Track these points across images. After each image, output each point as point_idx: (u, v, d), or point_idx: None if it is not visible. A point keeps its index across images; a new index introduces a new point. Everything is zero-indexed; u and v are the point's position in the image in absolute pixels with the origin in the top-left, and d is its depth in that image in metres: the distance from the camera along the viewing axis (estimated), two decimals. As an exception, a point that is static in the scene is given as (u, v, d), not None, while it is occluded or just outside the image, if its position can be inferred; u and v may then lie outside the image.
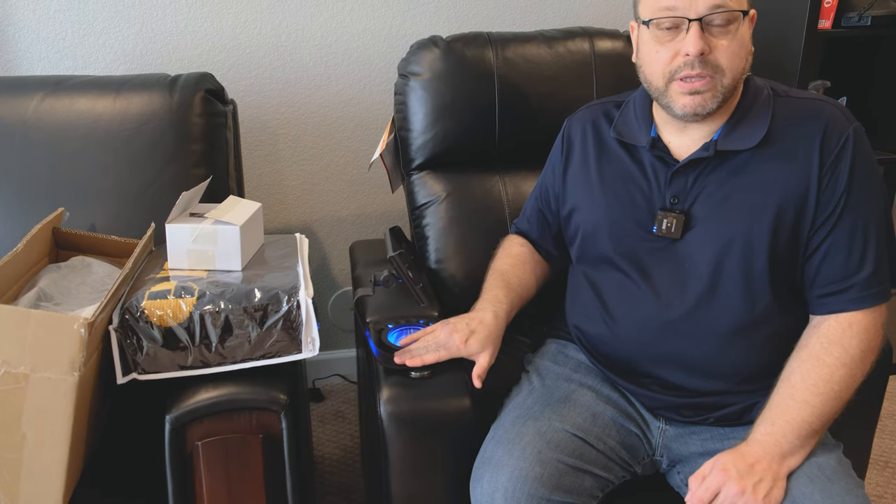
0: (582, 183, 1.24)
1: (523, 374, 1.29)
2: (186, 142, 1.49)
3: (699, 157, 1.10)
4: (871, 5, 1.86)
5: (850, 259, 1.07)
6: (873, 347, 1.07)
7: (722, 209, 1.10)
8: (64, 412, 1.03)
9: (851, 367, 1.04)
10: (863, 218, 1.07)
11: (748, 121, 1.10)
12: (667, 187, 1.13)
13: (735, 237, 1.09)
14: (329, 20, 1.91)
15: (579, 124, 1.28)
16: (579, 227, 1.24)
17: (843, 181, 1.06)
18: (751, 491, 0.99)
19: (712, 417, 1.15)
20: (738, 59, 1.05)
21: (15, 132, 1.45)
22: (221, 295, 1.15)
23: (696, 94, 1.05)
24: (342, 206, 2.09)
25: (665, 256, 1.14)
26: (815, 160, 1.06)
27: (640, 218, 1.15)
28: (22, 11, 1.76)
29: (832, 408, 1.04)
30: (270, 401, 1.14)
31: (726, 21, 1.03)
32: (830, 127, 1.07)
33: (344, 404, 2.13)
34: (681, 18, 1.03)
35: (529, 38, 1.65)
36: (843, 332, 1.06)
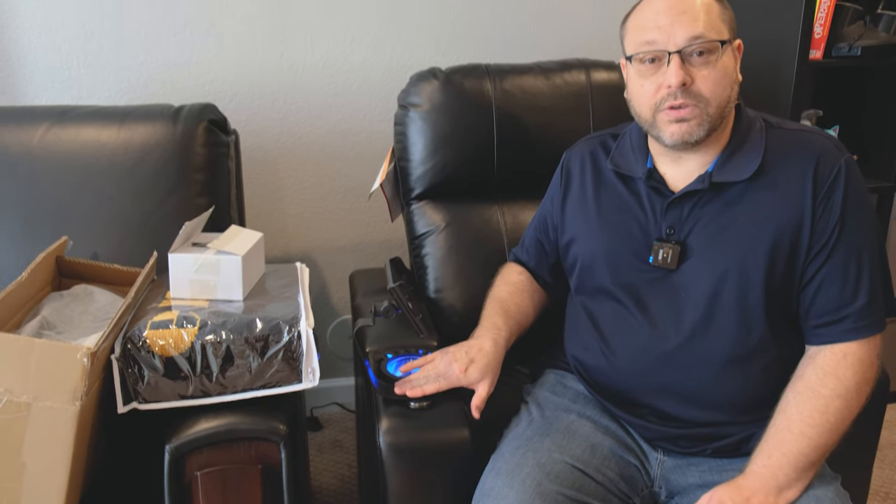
0: (580, 214, 1.26)
1: (522, 405, 1.29)
2: (189, 171, 1.51)
3: (694, 189, 1.12)
4: (861, 36, 1.90)
5: (844, 289, 1.08)
6: (868, 379, 1.07)
7: (717, 240, 1.11)
8: (64, 441, 1.04)
9: (847, 398, 1.05)
10: (856, 248, 1.08)
11: (742, 152, 1.12)
12: (662, 218, 1.15)
13: (730, 268, 1.10)
14: (330, 52, 1.95)
15: (578, 156, 1.30)
16: (577, 257, 1.26)
17: (836, 212, 1.07)
18: None
19: (710, 448, 1.15)
20: (721, 87, 1.07)
21: (20, 161, 1.47)
22: (223, 325, 1.16)
23: (683, 122, 1.07)
24: (342, 234, 2.11)
25: (661, 287, 1.15)
26: (808, 191, 1.08)
27: (636, 248, 1.17)
28: (28, 41, 1.79)
29: (829, 439, 1.05)
30: (270, 431, 1.14)
31: (706, 51, 1.05)
32: (823, 158, 1.09)
33: (342, 433, 2.13)
34: (661, 52, 1.07)
35: (527, 70, 1.68)
36: (837, 363, 1.06)
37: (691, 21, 1.05)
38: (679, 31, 1.05)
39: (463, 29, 2.00)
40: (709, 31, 1.05)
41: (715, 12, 1.07)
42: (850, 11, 1.91)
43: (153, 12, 1.82)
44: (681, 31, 1.05)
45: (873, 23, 1.94)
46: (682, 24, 1.05)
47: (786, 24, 1.86)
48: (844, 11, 1.91)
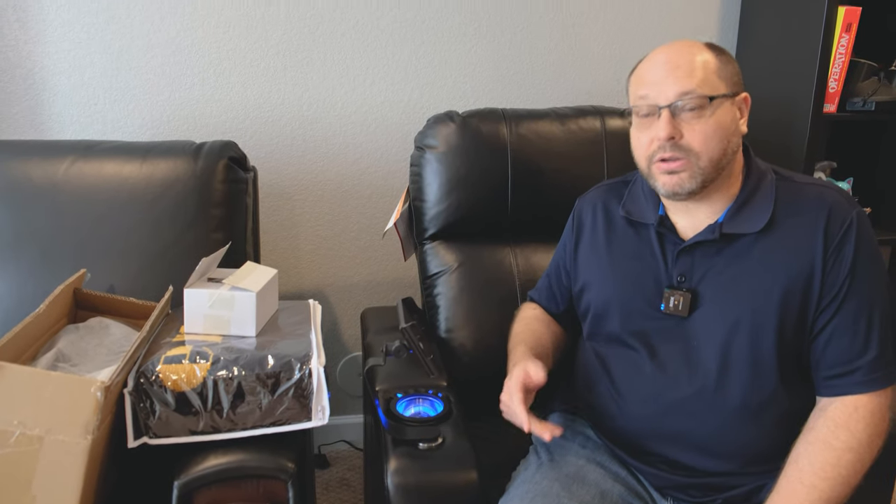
0: (592, 261, 1.27)
1: (531, 449, 1.29)
2: (208, 207, 1.54)
3: (705, 238, 1.13)
4: (875, 91, 1.92)
5: (854, 342, 1.08)
6: (880, 432, 1.06)
7: (729, 289, 1.11)
8: (75, 475, 1.04)
9: (859, 451, 1.04)
10: (867, 301, 1.08)
11: (752, 204, 1.13)
12: (674, 266, 1.16)
13: (742, 318, 1.10)
14: (350, 92, 1.99)
15: (590, 204, 1.32)
16: (590, 304, 1.26)
17: (846, 265, 1.08)
18: None
19: (720, 499, 1.14)
20: (714, 141, 1.08)
21: (45, 194, 1.50)
22: (235, 361, 1.17)
23: (674, 174, 1.10)
24: (354, 272, 2.12)
25: (673, 334, 1.15)
26: (819, 244, 1.09)
27: (648, 296, 1.17)
28: (57, 78, 1.84)
29: (840, 493, 1.03)
30: (278, 469, 1.14)
31: (697, 106, 1.07)
32: (834, 212, 1.10)
33: (349, 472, 2.11)
34: (653, 105, 1.09)
35: (542, 115, 1.70)
36: (849, 416, 1.06)
37: (683, 77, 1.07)
38: (670, 87, 1.08)
39: (481, 74, 2.04)
40: (700, 86, 1.07)
41: (711, 68, 1.09)
42: (864, 67, 1.93)
43: (179, 52, 1.87)
44: (672, 87, 1.08)
45: (887, 79, 1.96)
46: (674, 80, 1.07)
47: (801, 78, 1.89)
48: (859, 67, 1.93)
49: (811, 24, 1.85)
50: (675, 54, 1.10)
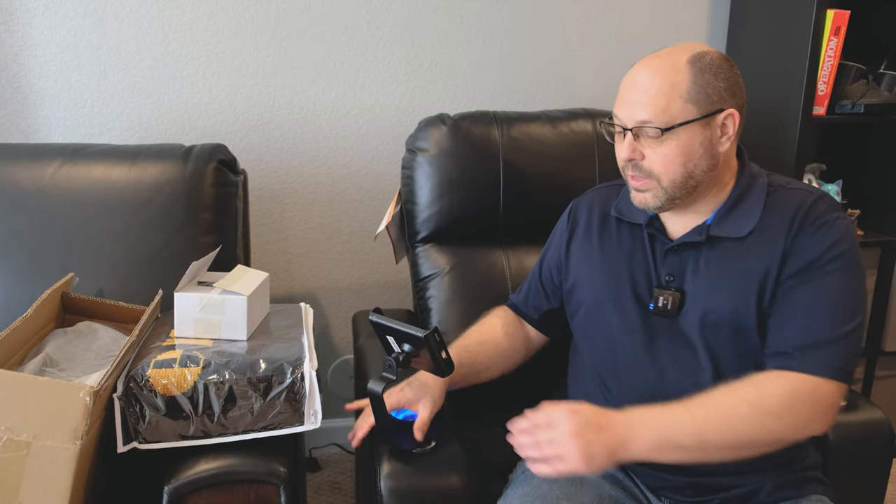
0: (585, 259, 1.27)
1: (526, 453, 1.29)
2: (197, 210, 1.53)
3: (692, 240, 1.14)
4: (864, 94, 1.93)
5: (796, 324, 1.07)
6: (799, 414, 1.02)
7: (714, 289, 1.12)
8: (63, 481, 1.03)
9: (760, 411, 1.01)
10: (825, 296, 1.06)
11: (740, 209, 1.13)
12: (662, 265, 1.17)
13: (723, 318, 1.11)
14: (340, 95, 1.98)
15: (586, 203, 1.33)
16: (581, 301, 1.26)
17: (811, 254, 1.07)
18: (577, 444, 0.99)
19: (716, 499, 1.14)
20: (674, 165, 1.08)
21: (31, 198, 1.49)
22: (226, 365, 1.16)
23: (640, 192, 1.13)
24: (345, 275, 2.11)
25: (662, 332, 1.15)
26: (787, 232, 1.09)
27: (639, 294, 1.18)
28: (44, 81, 1.82)
29: (716, 436, 1.01)
30: (270, 473, 1.13)
31: (658, 132, 1.07)
32: (813, 209, 1.10)
33: (340, 475, 2.10)
34: (619, 126, 1.12)
35: (534, 118, 1.70)
36: (766, 378, 1.05)
37: (642, 105, 1.07)
38: (630, 113, 1.09)
39: (472, 76, 2.04)
40: (659, 115, 1.06)
41: (678, 91, 1.06)
42: (853, 70, 1.94)
43: (167, 55, 1.86)
44: (633, 113, 1.08)
45: (876, 82, 1.97)
46: (636, 107, 1.08)
47: (790, 80, 1.90)
48: (848, 70, 1.94)
49: (800, 27, 1.86)
50: (647, 75, 1.08)
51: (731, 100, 1.09)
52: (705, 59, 1.08)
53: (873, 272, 2.11)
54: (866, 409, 1.34)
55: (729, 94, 1.09)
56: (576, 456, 0.99)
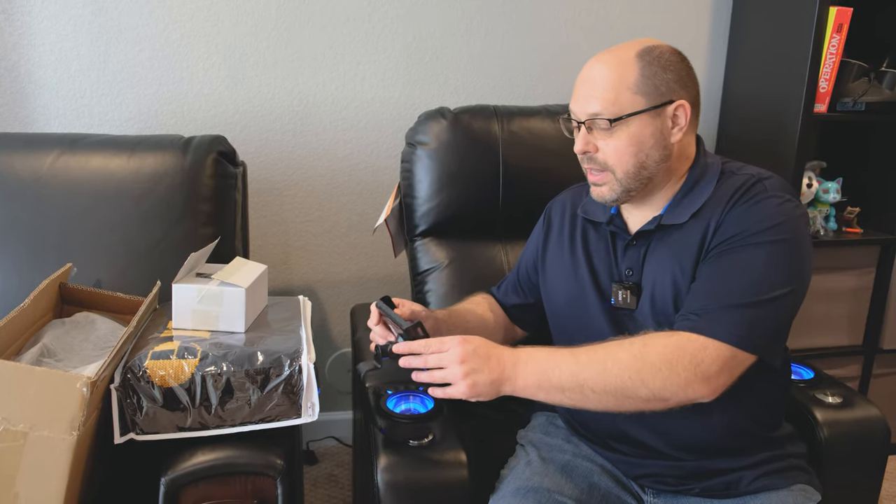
0: (558, 259, 1.29)
1: (518, 448, 1.30)
2: (196, 202, 1.52)
3: (645, 230, 1.16)
4: (865, 92, 1.92)
5: (707, 287, 1.07)
6: (677, 370, 1.00)
7: (660, 278, 1.13)
8: (60, 472, 1.03)
9: (639, 361, 1.01)
10: (740, 263, 1.05)
11: (689, 197, 1.14)
12: (622, 260, 1.19)
13: (669, 298, 1.11)
14: (340, 88, 1.97)
15: (559, 204, 1.36)
16: (555, 301, 1.29)
17: (740, 227, 1.07)
18: (463, 369, 1.01)
19: (697, 488, 1.15)
20: (626, 155, 1.10)
21: (28, 188, 1.48)
22: (224, 357, 1.16)
23: (596, 187, 1.16)
24: (344, 268, 2.11)
25: (628, 327, 1.16)
26: (724, 208, 1.10)
27: (602, 291, 1.20)
28: (44, 70, 1.81)
29: (591, 381, 1.01)
30: (267, 465, 1.13)
31: (607, 124, 1.09)
32: (751, 189, 1.10)
33: (338, 468, 2.10)
34: (574, 121, 1.14)
35: (534, 113, 1.70)
36: (659, 335, 1.05)
37: (592, 98, 1.10)
38: (583, 106, 1.12)
39: (472, 70, 2.03)
40: (608, 108, 1.08)
41: (626, 83, 1.08)
42: (854, 68, 1.94)
43: (167, 46, 1.85)
44: (583, 106, 1.11)
45: (877, 80, 1.97)
46: (586, 100, 1.11)
47: (792, 78, 1.89)
48: (849, 68, 1.94)
49: (802, 24, 1.85)
50: (597, 70, 1.11)
51: (681, 91, 1.11)
52: (654, 52, 1.10)
53: (872, 270, 2.10)
54: (862, 406, 1.34)
55: (679, 86, 1.11)
56: (460, 380, 1.02)
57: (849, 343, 2.15)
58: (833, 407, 1.33)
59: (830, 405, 1.34)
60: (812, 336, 2.10)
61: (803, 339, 2.09)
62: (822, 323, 2.10)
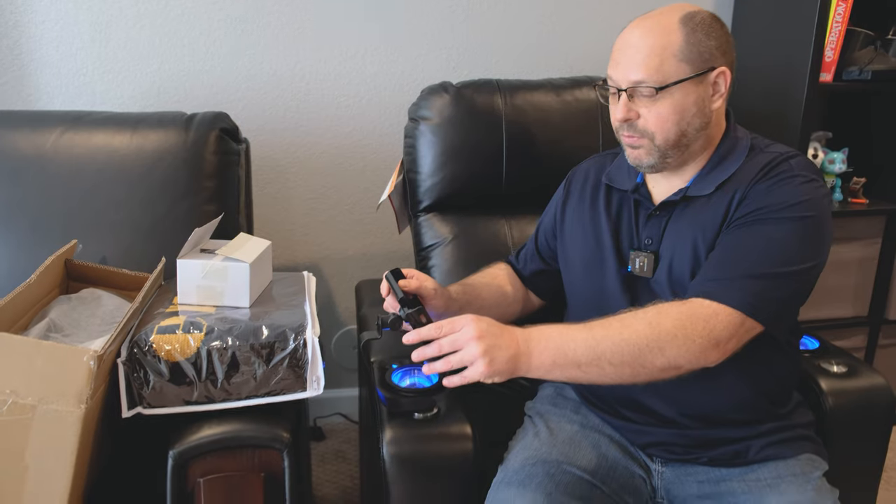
0: (577, 223, 1.29)
1: (526, 419, 1.30)
2: (200, 179, 1.52)
3: (670, 200, 1.16)
4: (872, 60, 1.90)
5: (718, 259, 1.08)
6: (692, 336, 1.01)
7: (678, 244, 1.14)
8: (69, 445, 1.04)
9: (655, 328, 1.01)
10: (757, 237, 1.06)
11: (718, 169, 1.14)
12: (644, 229, 1.19)
13: (688, 268, 1.12)
14: (342, 64, 1.96)
15: (582, 171, 1.35)
16: (572, 265, 1.29)
17: (762, 202, 1.07)
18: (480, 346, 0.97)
19: (705, 457, 1.16)
20: (669, 123, 1.09)
21: (32, 165, 1.48)
22: (229, 331, 1.16)
23: (634, 149, 1.14)
24: (349, 244, 2.11)
25: (643, 294, 1.17)
26: (749, 182, 1.10)
27: (621, 258, 1.21)
28: (45, 48, 1.81)
29: (608, 352, 1.00)
30: (273, 438, 1.14)
31: (651, 93, 1.08)
32: (778, 167, 1.10)
33: (345, 444, 2.12)
34: (613, 88, 1.13)
35: (538, 86, 1.69)
36: (673, 303, 1.05)
37: (638, 65, 1.08)
38: (625, 73, 1.10)
39: (474, 44, 2.01)
40: (653, 75, 1.07)
41: (671, 50, 1.07)
42: (861, 36, 1.92)
43: (168, 22, 1.84)
44: (627, 73, 1.10)
45: (884, 48, 1.94)
46: (629, 67, 1.09)
47: (797, 46, 1.87)
48: (856, 36, 1.91)
49: (808, -8, 1.83)
50: (640, 36, 1.10)
51: (721, 58, 1.10)
52: (696, 18, 1.09)
53: (878, 241, 2.09)
54: (867, 374, 1.34)
55: (720, 53, 1.10)
56: (479, 358, 0.98)
57: (854, 314, 2.15)
58: (838, 376, 1.33)
59: (835, 374, 1.34)
60: (818, 307, 2.10)
61: (809, 310, 2.08)
62: (827, 294, 2.09)
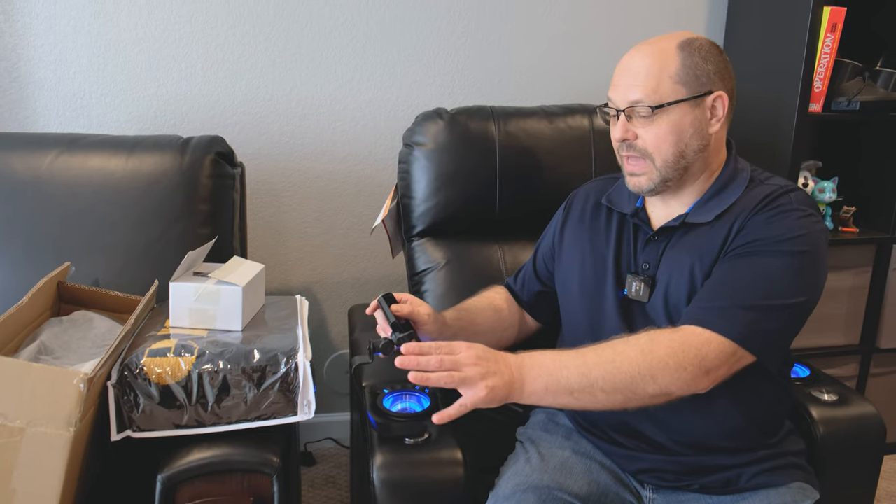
0: (575, 245, 1.30)
1: (518, 445, 1.30)
2: (194, 202, 1.53)
3: (669, 226, 1.17)
4: (860, 91, 1.93)
5: (714, 287, 1.08)
6: (683, 364, 1.02)
7: (675, 271, 1.15)
8: (57, 468, 1.03)
9: (647, 356, 1.01)
10: (753, 268, 1.07)
11: (718, 199, 1.16)
12: (641, 253, 1.20)
13: (683, 295, 1.13)
14: (338, 90, 1.98)
15: (583, 193, 1.37)
16: (568, 287, 1.29)
17: (759, 234, 1.08)
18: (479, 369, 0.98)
19: (696, 484, 1.16)
20: (666, 143, 1.11)
21: (27, 187, 1.49)
22: (221, 355, 1.16)
23: (634, 176, 1.16)
24: (342, 269, 2.11)
25: (639, 319, 1.17)
26: (748, 213, 1.11)
27: (618, 281, 1.21)
28: (44, 71, 1.82)
29: (600, 379, 1.01)
30: (263, 463, 1.13)
31: (648, 112, 1.11)
32: (777, 199, 1.12)
33: (335, 469, 2.11)
34: (613, 109, 1.15)
35: (531, 113, 1.71)
36: (665, 330, 1.06)
37: (633, 86, 1.11)
38: (623, 94, 1.13)
39: (469, 71, 2.04)
40: (648, 95, 1.10)
41: (669, 72, 1.10)
42: (849, 67, 1.95)
43: (166, 47, 1.86)
44: (624, 94, 1.13)
45: (872, 79, 1.97)
46: (627, 88, 1.12)
47: (787, 77, 1.90)
48: (844, 67, 1.94)
49: (797, 23, 1.86)
50: (638, 59, 1.13)
51: (720, 83, 1.13)
52: (695, 44, 1.13)
53: (868, 269, 2.11)
54: (858, 403, 1.35)
55: (718, 78, 1.13)
56: (478, 381, 0.98)
57: (846, 342, 2.16)
58: (829, 404, 1.34)
59: (826, 403, 1.34)
60: (809, 335, 2.10)
61: (800, 338, 2.04)
62: (818, 322, 2.10)
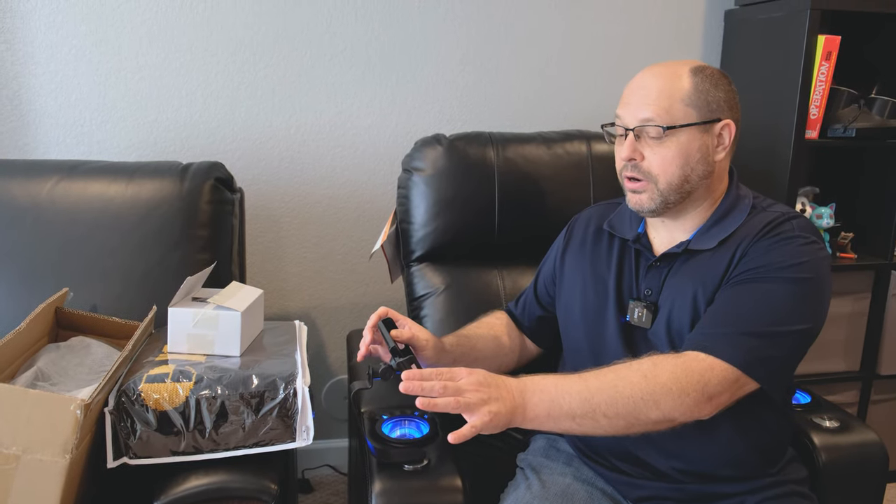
0: (576, 270, 1.30)
1: (518, 471, 1.29)
2: (193, 227, 1.53)
3: (671, 252, 1.17)
4: (855, 118, 1.95)
5: (717, 314, 1.08)
6: (686, 389, 1.01)
7: (678, 297, 1.14)
8: (52, 495, 1.02)
9: (650, 381, 1.01)
10: (754, 294, 1.07)
11: (720, 225, 1.16)
12: (643, 279, 1.20)
13: (686, 322, 1.12)
14: (337, 116, 2.00)
15: (584, 219, 1.37)
16: (570, 312, 1.29)
17: (761, 261, 1.08)
18: (481, 395, 0.97)
19: None
20: (672, 166, 1.12)
21: (27, 213, 1.49)
22: (219, 380, 1.15)
23: (636, 194, 1.16)
24: (341, 294, 2.11)
25: (641, 345, 1.17)
26: (751, 240, 1.11)
27: (620, 307, 1.21)
28: (44, 99, 1.84)
29: (603, 404, 1.00)
30: (260, 490, 1.12)
31: (658, 133, 1.11)
32: (779, 227, 1.12)
33: (333, 496, 2.08)
34: (621, 127, 1.15)
35: (529, 139, 1.72)
36: (668, 356, 1.06)
37: (646, 104, 1.12)
38: (634, 112, 1.13)
39: (467, 98, 2.06)
40: (660, 115, 1.11)
41: (680, 95, 1.11)
42: (844, 95, 1.97)
43: (167, 74, 1.88)
44: (635, 112, 1.13)
45: (867, 106, 1.99)
46: (638, 106, 1.12)
47: (783, 105, 1.91)
48: (839, 94, 1.96)
49: (792, 52, 1.88)
50: (651, 79, 1.14)
51: (728, 111, 1.14)
52: (706, 71, 1.14)
53: (867, 295, 2.11)
54: (859, 430, 1.34)
55: (727, 106, 1.14)
56: (480, 407, 0.97)
57: (846, 368, 2.15)
58: (831, 431, 1.33)
59: (828, 429, 1.33)
60: (809, 361, 2.09)
61: (801, 364, 2.07)
62: (819, 348, 2.09)
